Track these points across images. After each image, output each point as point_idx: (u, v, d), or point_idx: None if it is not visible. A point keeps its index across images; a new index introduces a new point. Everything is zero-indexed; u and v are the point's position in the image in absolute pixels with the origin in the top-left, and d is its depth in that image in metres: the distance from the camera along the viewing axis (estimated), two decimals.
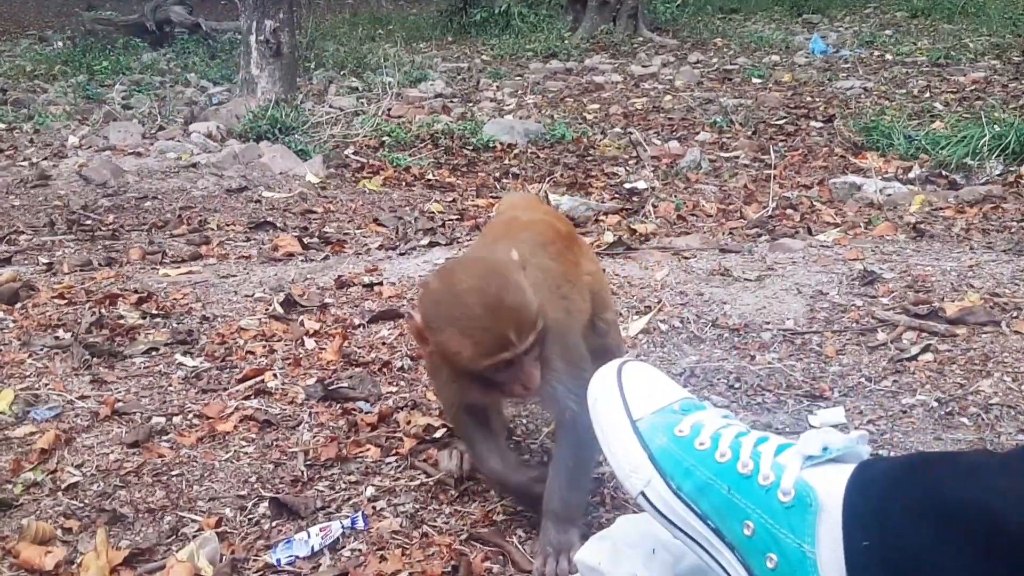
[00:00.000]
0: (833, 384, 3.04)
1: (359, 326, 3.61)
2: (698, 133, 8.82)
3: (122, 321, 3.65)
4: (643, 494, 1.78)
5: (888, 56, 12.29)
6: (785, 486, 1.64)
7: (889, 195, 6.05)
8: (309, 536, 2.25)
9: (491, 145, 8.39)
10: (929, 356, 3.17)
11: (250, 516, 2.40)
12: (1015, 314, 3.42)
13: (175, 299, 3.90)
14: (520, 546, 2.21)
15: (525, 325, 1.96)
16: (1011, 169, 6.57)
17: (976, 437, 2.67)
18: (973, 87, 10.02)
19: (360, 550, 2.20)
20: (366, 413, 2.91)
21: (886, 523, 1.53)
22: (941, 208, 5.65)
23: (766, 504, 1.65)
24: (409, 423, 2.80)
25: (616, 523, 2.09)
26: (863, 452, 1.71)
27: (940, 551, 1.47)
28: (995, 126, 7.02)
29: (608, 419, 1.86)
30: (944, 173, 6.76)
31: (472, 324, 1.94)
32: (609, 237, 5.00)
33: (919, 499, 1.53)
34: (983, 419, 2.76)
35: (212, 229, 5.52)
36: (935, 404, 2.85)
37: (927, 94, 9.91)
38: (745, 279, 4.00)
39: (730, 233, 5.37)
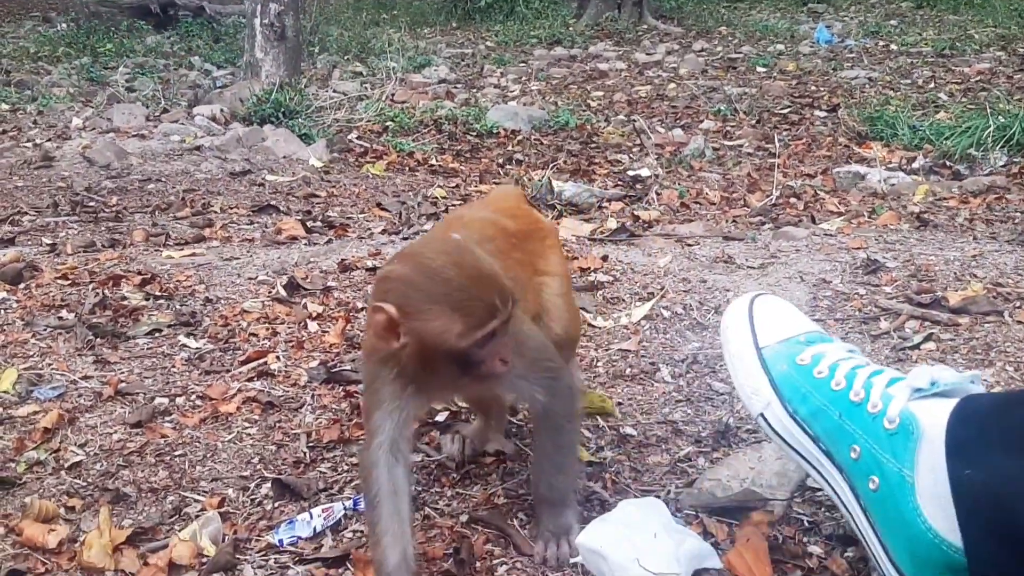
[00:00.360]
0: None
1: (362, 309, 3.61)
2: (702, 121, 8.81)
3: (125, 302, 3.65)
4: (762, 415, 1.94)
5: (893, 46, 12.27)
6: (891, 414, 1.74)
7: (893, 185, 6.05)
8: (311, 517, 2.25)
9: (494, 131, 8.39)
10: (931, 345, 3.17)
11: (253, 497, 2.41)
12: (1018, 304, 3.42)
13: (178, 281, 3.90)
14: (521, 529, 2.21)
15: (506, 291, 1.91)
16: (1015, 160, 6.57)
17: None
18: (978, 78, 10.00)
19: (362, 531, 2.20)
20: None
21: (986, 453, 1.60)
22: (945, 198, 5.64)
23: (872, 430, 1.76)
24: None
25: (618, 507, 2.10)
26: (973, 389, 1.78)
27: None
28: (999, 117, 7.02)
29: (736, 345, 2.01)
30: (948, 163, 6.76)
31: (460, 296, 1.85)
32: (612, 223, 5.00)
33: (1019, 429, 1.60)
34: None
35: (215, 212, 5.52)
36: None
37: (932, 84, 9.89)
38: (748, 267, 4.00)
39: (733, 221, 5.36)
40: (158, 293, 3.76)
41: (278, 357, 3.20)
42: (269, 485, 2.43)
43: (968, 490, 1.60)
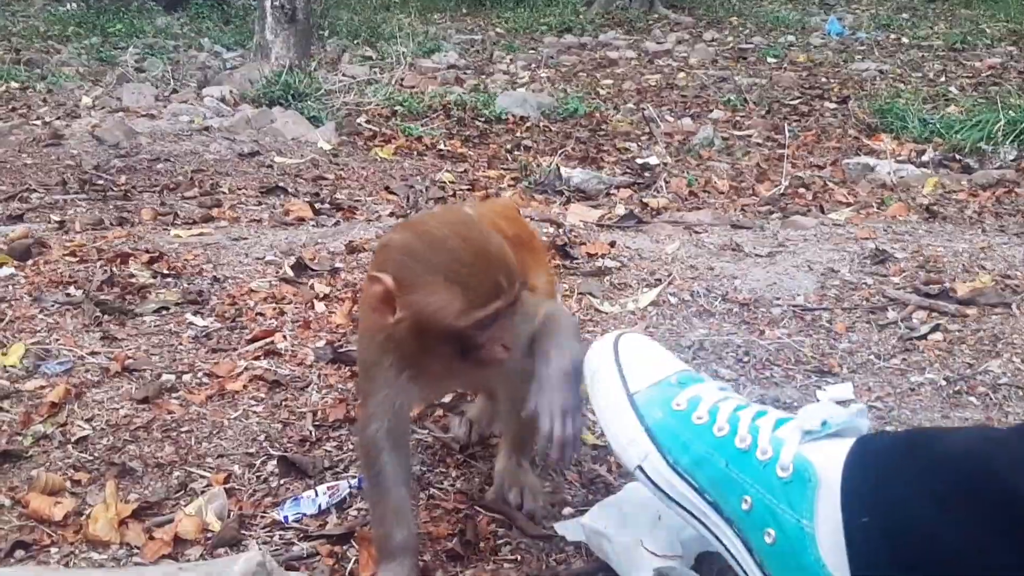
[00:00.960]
0: (842, 360, 3.04)
1: None
2: (711, 111, 8.80)
3: (133, 280, 3.65)
4: (640, 468, 1.77)
5: (904, 39, 12.24)
6: (783, 461, 1.63)
7: (902, 177, 6.04)
8: (316, 495, 2.25)
9: (503, 117, 8.38)
10: (939, 335, 3.17)
11: (258, 474, 2.41)
12: None
13: (186, 260, 3.90)
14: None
15: (513, 272, 1.79)
16: None
17: (984, 416, 2.67)
18: (989, 72, 9.97)
19: (366, 510, 2.21)
20: None
21: (886, 498, 1.52)
22: (954, 191, 5.64)
23: (764, 479, 1.64)
24: None
25: (623, 489, 2.10)
26: (862, 426, 1.69)
27: (941, 526, 1.46)
28: (1010, 111, 7.00)
29: (605, 392, 1.84)
30: (958, 157, 6.75)
31: (463, 271, 1.73)
32: (621, 210, 5.00)
33: (919, 474, 1.52)
34: (991, 399, 2.76)
35: (224, 192, 5.52)
36: (943, 383, 2.86)
37: (943, 78, 9.86)
38: (756, 255, 3.99)
39: (742, 210, 5.36)
40: (166, 271, 3.76)
41: (285, 336, 3.20)
42: (275, 462, 2.44)
43: (866, 537, 1.53)
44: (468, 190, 5.88)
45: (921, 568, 1.47)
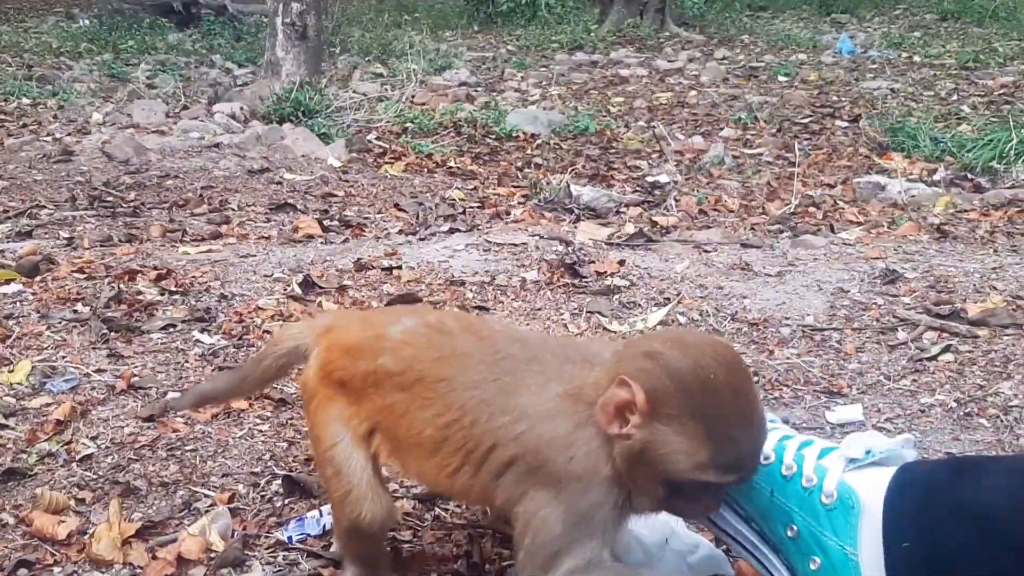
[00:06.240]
0: (851, 381, 3.01)
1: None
2: (722, 129, 8.79)
3: (141, 297, 3.65)
4: None
5: (916, 58, 12.20)
6: (828, 488, 1.66)
7: (913, 196, 6.01)
8: (321, 515, 2.24)
9: (514, 135, 8.38)
10: (949, 356, 3.14)
11: (263, 493, 2.40)
12: None
13: (194, 277, 3.90)
14: None
15: (762, 449, 1.64)
16: None
17: (995, 439, 2.65)
18: (1001, 91, 9.94)
19: None
20: None
21: (927, 525, 1.54)
22: (966, 210, 5.61)
23: (809, 506, 1.67)
24: None
25: None
26: (907, 456, 1.72)
27: (981, 554, 1.48)
28: (1022, 131, 6.97)
29: None
30: (969, 176, 6.72)
31: (724, 430, 1.54)
32: (630, 228, 4.98)
33: (961, 502, 1.54)
34: (1002, 421, 2.74)
35: (233, 209, 5.52)
36: (954, 404, 2.83)
37: (955, 97, 9.84)
38: (766, 274, 3.98)
39: (752, 229, 5.34)
40: (173, 288, 3.76)
41: None
42: (279, 482, 2.43)
43: (907, 562, 1.54)
44: (478, 207, 5.87)
45: None
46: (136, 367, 3.07)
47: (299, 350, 2.00)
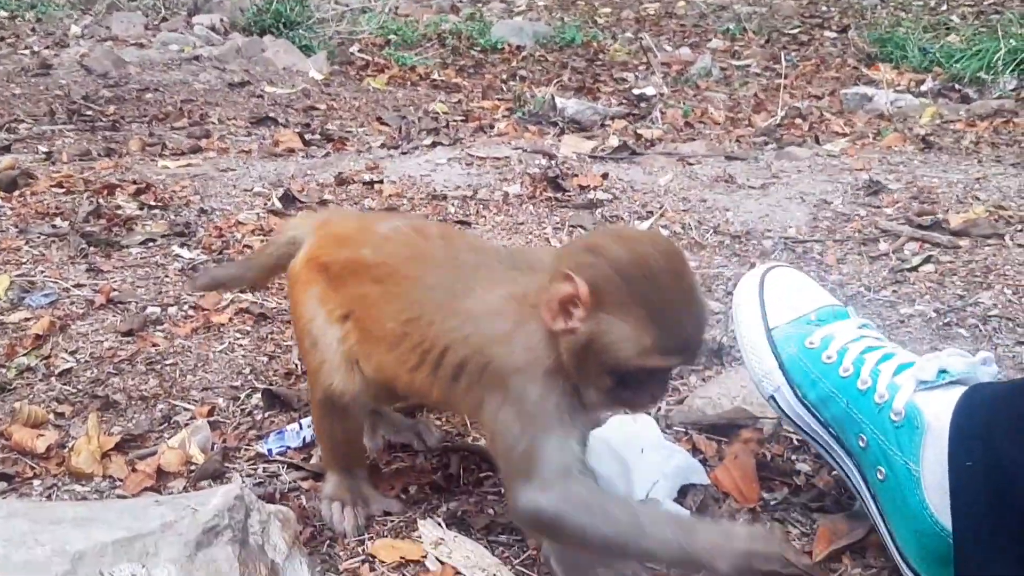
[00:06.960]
0: (832, 292, 3.01)
1: None
2: (710, 40, 8.69)
3: (120, 211, 3.62)
4: (773, 398, 1.95)
5: None
6: (896, 406, 1.72)
7: (900, 107, 5.97)
8: (301, 428, 2.25)
9: (499, 47, 8.28)
10: (930, 267, 3.15)
11: (243, 407, 2.41)
12: (1019, 227, 3.39)
13: (174, 191, 3.87)
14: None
15: (704, 333, 1.66)
16: None
17: (972, 348, 2.66)
18: (991, 1, 9.81)
19: None
20: None
21: (989, 443, 1.57)
22: (952, 121, 5.57)
23: (878, 421, 1.75)
24: None
25: (608, 423, 2.11)
26: (984, 375, 1.75)
27: None
28: (1011, 40, 6.89)
29: (746, 325, 2.00)
30: (957, 87, 6.66)
31: (667, 314, 1.55)
32: (614, 141, 4.94)
33: (1022, 419, 1.57)
34: (980, 330, 2.75)
35: (213, 123, 5.46)
36: (933, 314, 2.84)
37: (944, 7, 9.71)
38: (749, 187, 3.96)
39: (737, 141, 5.30)
40: (153, 203, 3.73)
41: None
42: (259, 395, 2.43)
43: (968, 480, 1.59)
44: (462, 120, 5.82)
45: (1020, 512, 1.51)
46: (115, 282, 3.05)
47: (297, 240, 2.07)
